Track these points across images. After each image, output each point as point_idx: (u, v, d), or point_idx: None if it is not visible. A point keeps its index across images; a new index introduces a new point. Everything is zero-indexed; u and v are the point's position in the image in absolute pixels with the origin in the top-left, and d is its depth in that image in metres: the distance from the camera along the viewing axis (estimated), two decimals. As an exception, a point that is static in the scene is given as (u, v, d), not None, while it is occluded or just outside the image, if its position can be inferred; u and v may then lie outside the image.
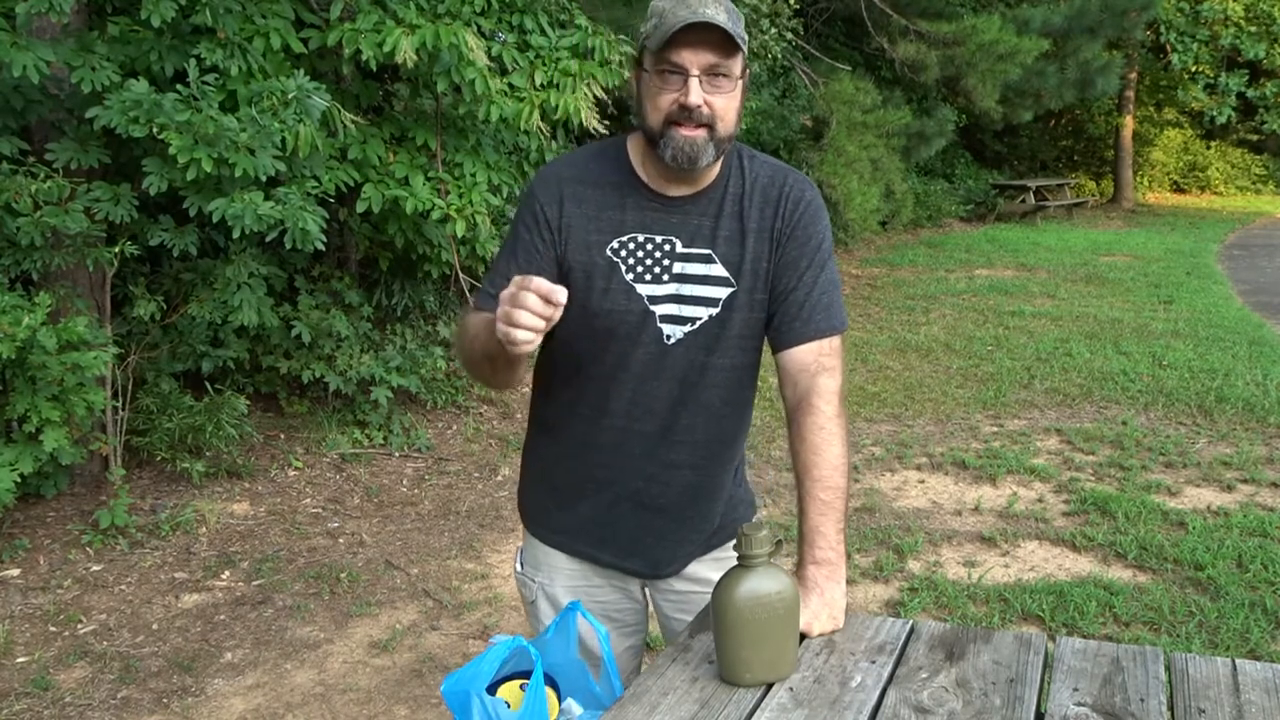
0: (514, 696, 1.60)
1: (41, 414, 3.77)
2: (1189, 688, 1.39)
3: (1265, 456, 5.24)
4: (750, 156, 1.70)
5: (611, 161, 1.68)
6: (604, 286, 1.63)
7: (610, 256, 1.64)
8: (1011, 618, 3.61)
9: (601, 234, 1.64)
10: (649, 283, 1.64)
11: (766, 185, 1.67)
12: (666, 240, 1.64)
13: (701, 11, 1.49)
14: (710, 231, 1.65)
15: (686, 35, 1.50)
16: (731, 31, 1.50)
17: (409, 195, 4.72)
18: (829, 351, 1.65)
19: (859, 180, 10.05)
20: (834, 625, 1.56)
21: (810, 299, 1.64)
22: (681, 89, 1.53)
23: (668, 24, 1.51)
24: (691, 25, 1.49)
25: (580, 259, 1.64)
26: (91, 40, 3.96)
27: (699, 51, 1.52)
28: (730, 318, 1.66)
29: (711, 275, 1.64)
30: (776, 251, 1.66)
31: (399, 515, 4.65)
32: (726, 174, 1.67)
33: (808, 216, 1.67)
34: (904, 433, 5.75)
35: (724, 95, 1.55)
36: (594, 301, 1.64)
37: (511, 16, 5.00)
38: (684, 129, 1.54)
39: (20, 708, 3.12)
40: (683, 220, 1.65)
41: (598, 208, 1.65)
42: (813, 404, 1.61)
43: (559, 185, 1.66)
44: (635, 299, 1.64)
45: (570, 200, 1.65)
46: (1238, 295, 10.22)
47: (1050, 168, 20.81)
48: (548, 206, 1.65)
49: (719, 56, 1.53)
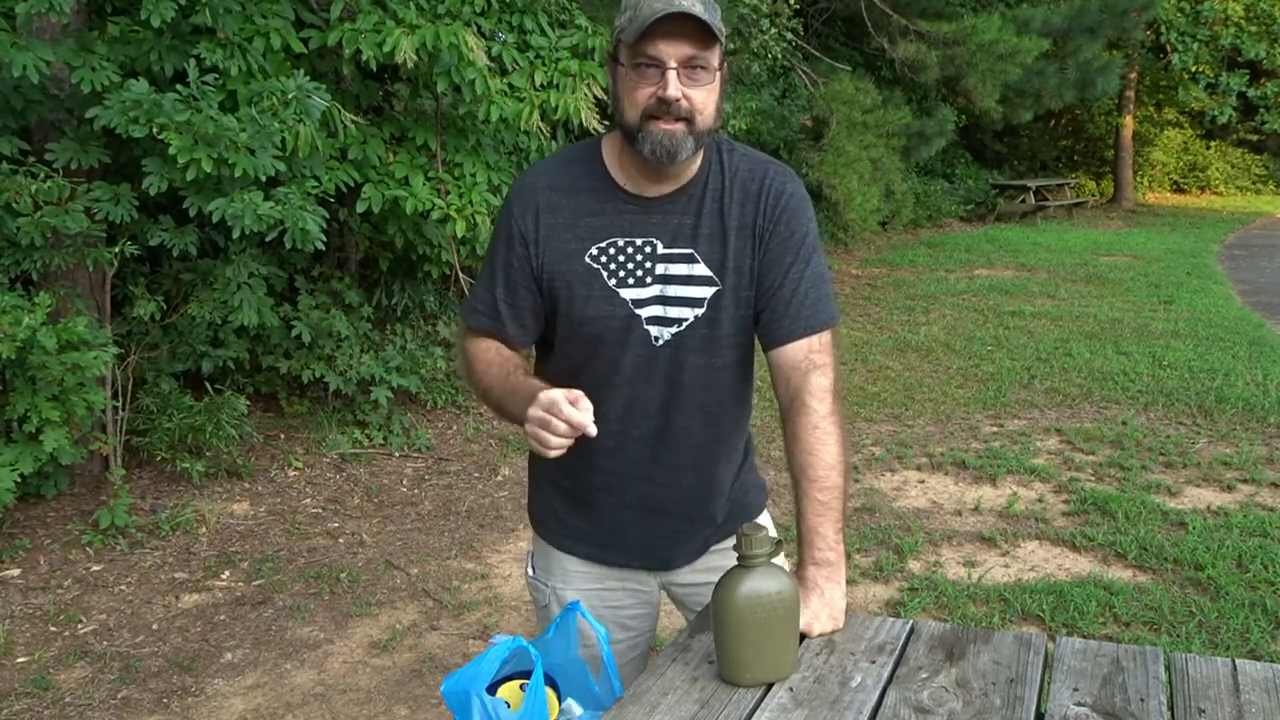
0: (514, 696, 1.60)
1: (41, 414, 3.77)
2: (1189, 688, 1.39)
3: (1265, 456, 5.24)
4: (729, 150, 1.66)
5: (586, 165, 1.65)
6: (585, 294, 1.62)
7: (589, 264, 1.61)
8: (1011, 618, 3.61)
9: (580, 241, 1.62)
10: (632, 286, 1.61)
11: (746, 180, 1.64)
12: (647, 242, 1.61)
13: (677, 2, 1.46)
14: (691, 230, 1.62)
15: (662, 26, 1.47)
16: (708, 21, 1.47)
17: (409, 195, 4.72)
18: (819, 348, 1.61)
19: (859, 180, 10.05)
20: (834, 625, 1.56)
21: (797, 295, 1.61)
22: (659, 82, 1.50)
23: (642, 15, 1.47)
24: (667, 16, 1.46)
25: (560, 268, 1.62)
26: (91, 40, 3.96)
27: (675, 43, 1.49)
28: (718, 317, 1.63)
29: (695, 275, 1.62)
30: (760, 248, 1.62)
31: (399, 515, 4.65)
32: (706, 170, 1.63)
33: (790, 210, 1.63)
34: (904, 433, 5.75)
35: (702, 88, 1.52)
36: (577, 310, 1.62)
37: (511, 16, 5.01)
38: (662, 123, 1.51)
39: (20, 708, 3.12)
40: (663, 220, 1.62)
41: (574, 215, 1.62)
42: (805, 403, 1.59)
43: (534, 195, 1.64)
44: (619, 304, 1.61)
45: (546, 211, 1.63)
46: (1238, 295, 10.22)
47: (1050, 168, 20.80)
48: (523, 219, 1.63)
49: (696, 48, 1.49)
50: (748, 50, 9.03)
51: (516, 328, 1.67)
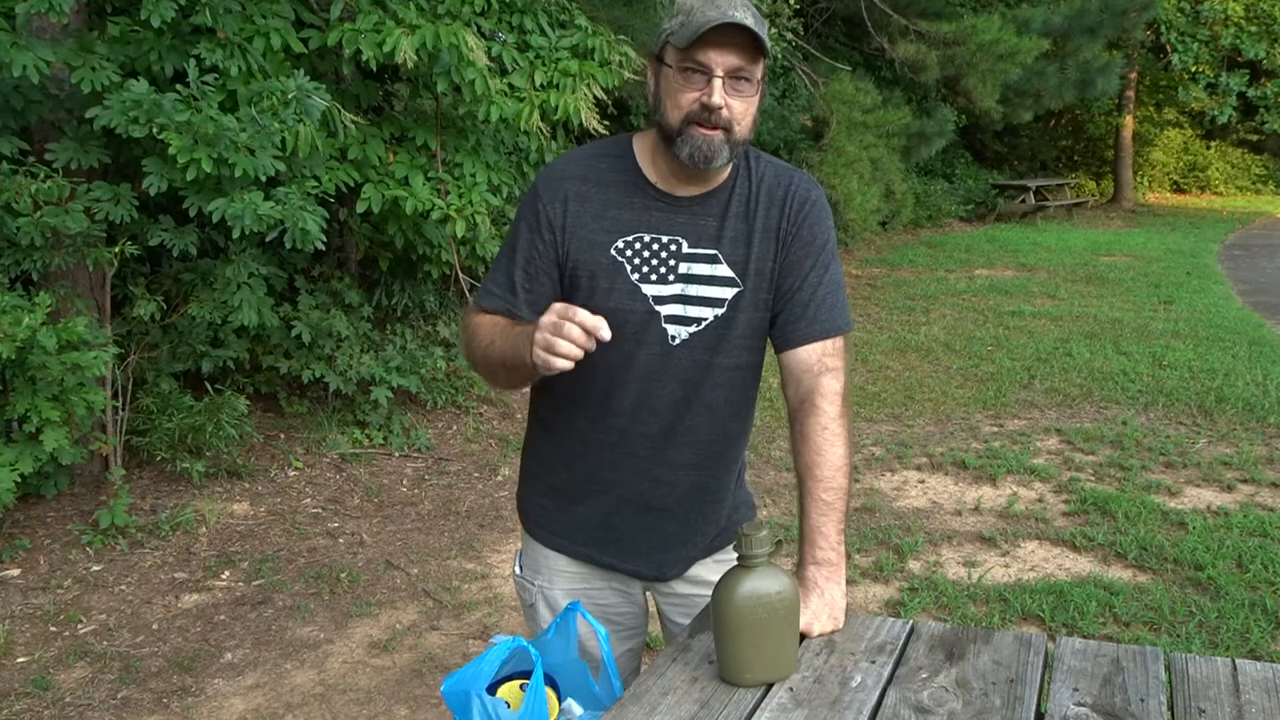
0: (514, 696, 1.60)
1: (41, 414, 3.77)
2: (1189, 688, 1.39)
3: (1265, 456, 5.24)
4: (756, 157, 1.70)
5: (617, 160, 1.67)
6: (608, 286, 1.63)
7: (615, 256, 1.63)
8: (1011, 618, 3.61)
9: (607, 233, 1.63)
10: (654, 283, 1.63)
11: (772, 185, 1.67)
12: (673, 240, 1.64)
13: (731, 13, 1.49)
14: (716, 232, 1.64)
15: (714, 35, 1.49)
16: (759, 34, 1.50)
17: (409, 195, 4.72)
18: (832, 352, 1.64)
19: (859, 180, 10.05)
20: (834, 625, 1.56)
21: (815, 299, 1.64)
22: (705, 88, 1.53)
23: (696, 22, 1.50)
24: (721, 25, 1.48)
25: (584, 258, 1.63)
26: (91, 40, 3.96)
27: (725, 53, 1.51)
28: (735, 318, 1.65)
29: (717, 276, 1.64)
30: (781, 252, 1.65)
31: (399, 515, 4.65)
32: (734, 175, 1.66)
33: (813, 217, 1.67)
34: (904, 433, 5.75)
35: (744, 99, 1.55)
36: (598, 301, 1.62)
37: (511, 17, 5.00)
38: (703, 129, 1.54)
39: (20, 708, 3.12)
40: (689, 220, 1.64)
41: (603, 206, 1.64)
42: (816, 404, 1.61)
43: (563, 184, 1.65)
44: (640, 299, 1.63)
45: (575, 199, 1.64)
46: (1238, 295, 10.22)
47: (1050, 168, 20.80)
48: (550, 205, 1.64)
49: (744, 60, 1.52)
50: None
51: (530, 312, 1.63)
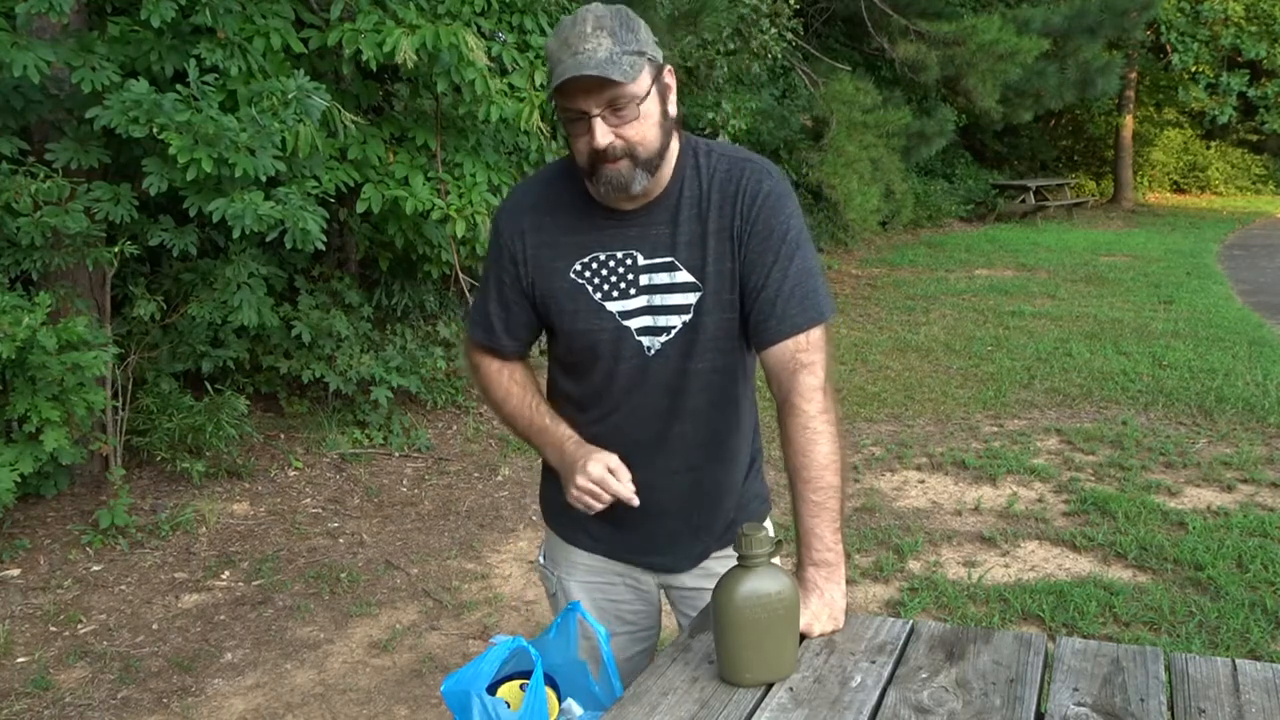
0: (514, 696, 1.60)
1: (41, 414, 3.77)
2: (1189, 688, 1.39)
3: (1265, 456, 5.24)
4: (707, 153, 1.65)
5: (569, 182, 1.66)
6: (573, 309, 1.65)
7: (574, 279, 1.64)
8: (1011, 618, 3.61)
9: (564, 259, 1.65)
10: (617, 299, 1.63)
11: (724, 182, 1.62)
12: (628, 254, 1.63)
13: (581, 55, 1.45)
14: (670, 239, 1.62)
15: (572, 83, 1.47)
16: (613, 73, 1.45)
17: (409, 195, 4.72)
18: (806, 346, 1.60)
19: (859, 180, 10.04)
20: (834, 626, 1.56)
21: (782, 295, 1.60)
22: (588, 132, 1.51)
23: (556, 72, 1.48)
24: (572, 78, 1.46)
25: (548, 286, 1.66)
26: (91, 40, 3.96)
27: (590, 94, 1.48)
28: (702, 322, 1.64)
29: (678, 283, 1.63)
30: (740, 250, 1.61)
31: (399, 515, 4.65)
32: (680, 177, 1.63)
33: (767, 209, 1.60)
34: (904, 433, 5.75)
35: (633, 123, 1.51)
36: (567, 324, 1.66)
37: (511, 16, 5.00)
38: (608, 164, 1.52)
39: (20, 708, 3.12)
40: (641, 232, 1.63)
41: (557, 233, 1.65)
42: (794, 404, 1.59)
43: (520, 217, 1.68)
44: (606, 317, 1.64)
45: (531, 230, 1.66)
46: (1238, 295, 10.22)
47: (1050, 168, 20.79)
48: (511, 240, 1.68)
49: (613, 89, 1.48)
50: (748, 50, 9.03)
51: (511, 340, 1.76)
